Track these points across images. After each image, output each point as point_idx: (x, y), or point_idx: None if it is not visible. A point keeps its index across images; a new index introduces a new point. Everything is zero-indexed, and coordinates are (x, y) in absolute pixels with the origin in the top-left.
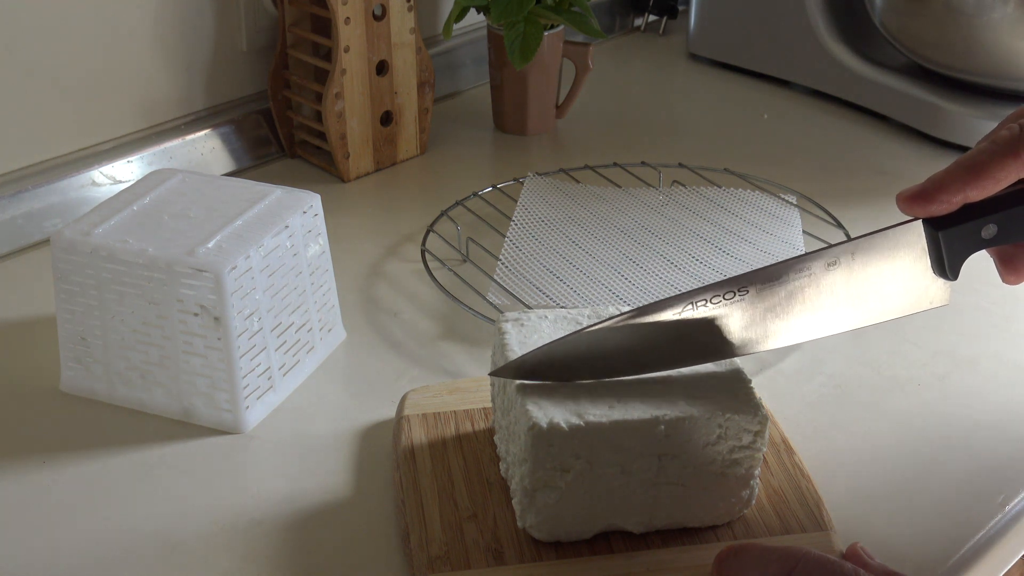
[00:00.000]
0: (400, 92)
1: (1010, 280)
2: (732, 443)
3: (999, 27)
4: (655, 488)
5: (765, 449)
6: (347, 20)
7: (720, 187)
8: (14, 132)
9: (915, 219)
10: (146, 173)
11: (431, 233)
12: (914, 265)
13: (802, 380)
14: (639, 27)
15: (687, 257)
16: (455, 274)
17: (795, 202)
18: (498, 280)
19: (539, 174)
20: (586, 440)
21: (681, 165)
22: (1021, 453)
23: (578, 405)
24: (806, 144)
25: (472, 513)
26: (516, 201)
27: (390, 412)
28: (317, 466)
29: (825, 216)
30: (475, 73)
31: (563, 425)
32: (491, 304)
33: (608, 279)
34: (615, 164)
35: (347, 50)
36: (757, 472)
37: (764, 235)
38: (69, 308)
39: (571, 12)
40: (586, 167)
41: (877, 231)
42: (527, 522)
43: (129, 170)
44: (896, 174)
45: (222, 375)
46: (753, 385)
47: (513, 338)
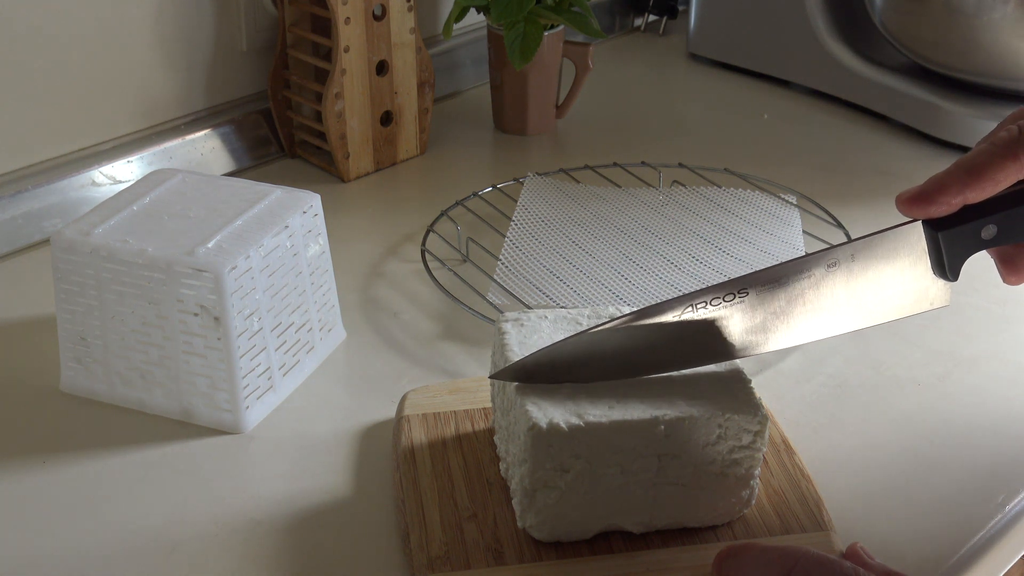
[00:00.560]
0: (400, 92)
1: (1010, 280)
2: (732, 443)
3: (999, 27)
4: (655, 488)
5: (765, 449)
6: (347, 20)
7: (720, 187)
8: (14, 132)
9: (915, 220)
10: (146, 173)
11: (431, 233)
12: (914, 266)
13: (802, 380)
14: (639, 27)
15: (687, 257)
16: (455, 274)
17: (795, 202)
18: (498, 280)
19: (539, 174)
20: (586, 440)
21: (681, 165)
22: (1021, 453)
23: (578, 405)
24: (806, 144)
25: (472, 513)
26: (516, 201)
27: (390, 412)
28: (317, 466)
29: (825, 216)
30: (475, 73)
31: (563, 425)
32: (491, 304)
33: (608, 279)
34: (615, 164)
35: (347, 50)
36: (757, 472)
37: (764, 235)
38: (69, 308)
39: (571, 12)
40: (586, 167)
41: (877, 232)
42: (527, 522)
43: (129, 170)
44: (896, 174)
45: (222, 375)
46: (753, 385)
47: (513, 338)
